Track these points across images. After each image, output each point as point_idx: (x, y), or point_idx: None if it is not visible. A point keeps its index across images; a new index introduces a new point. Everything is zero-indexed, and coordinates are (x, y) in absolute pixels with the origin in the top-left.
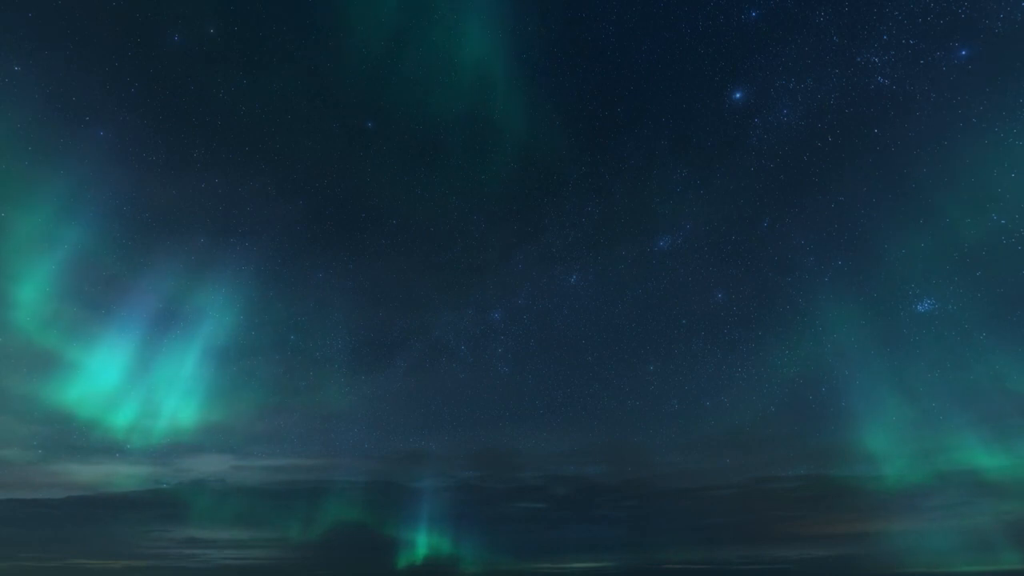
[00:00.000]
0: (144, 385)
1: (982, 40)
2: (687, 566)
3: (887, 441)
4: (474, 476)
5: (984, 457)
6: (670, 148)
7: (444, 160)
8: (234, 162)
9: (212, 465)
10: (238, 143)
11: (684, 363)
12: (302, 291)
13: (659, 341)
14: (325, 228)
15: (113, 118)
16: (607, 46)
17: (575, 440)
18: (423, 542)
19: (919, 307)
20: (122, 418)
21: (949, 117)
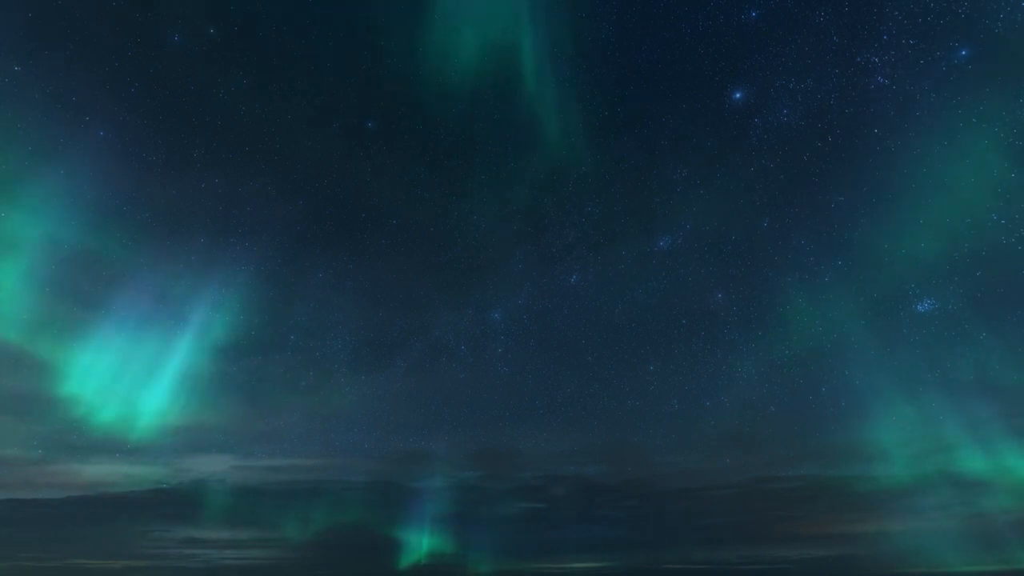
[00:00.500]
0: (144, 385)
1: (982, 40)
2: (687, 566)
3: (887, 441)
4: (474, 476)
5: (984, 457)
6: (670, 148)
7: (444, 160)
8: (234, 162)
9: (212, 465)
10: (238, 143)
11: (684, 363)
12: (302, 291)
13: (659, 341)
14: (325, 228)
15: (113, 118)
16: (607, 46)
17: (575, 440)
18: (423, 542)
19: (919, 307)
20: (122, 418)
21: (949, 117)
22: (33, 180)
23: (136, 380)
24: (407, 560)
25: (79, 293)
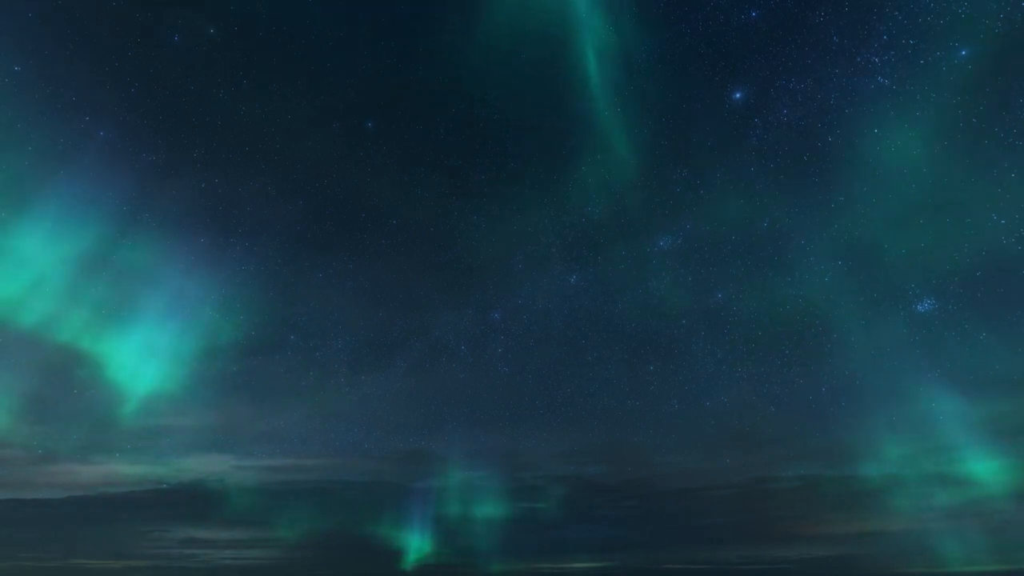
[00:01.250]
0: (143, 385)
1: (982, 40)
2: (687, 566)
3: (887, 441)
4: (474, 476)
5: (984, 457)
6: (670, 148)
7: (444, 160)
8: (234, 162)
9: (212, 465)
10: (238, 143)
11: (684, 363)
12: (302, 291)
13: (659, 341)
14: (325, 228)
15: (113, 118)
16: (606, 46)
17: (575, 440)
18: (423, 542)
19: (919, 307)
20: (122, 418)
21: (949, 117)
22: (32, 180)
23: (135, 380)
24: (407, 560)
25: (78, 293)
